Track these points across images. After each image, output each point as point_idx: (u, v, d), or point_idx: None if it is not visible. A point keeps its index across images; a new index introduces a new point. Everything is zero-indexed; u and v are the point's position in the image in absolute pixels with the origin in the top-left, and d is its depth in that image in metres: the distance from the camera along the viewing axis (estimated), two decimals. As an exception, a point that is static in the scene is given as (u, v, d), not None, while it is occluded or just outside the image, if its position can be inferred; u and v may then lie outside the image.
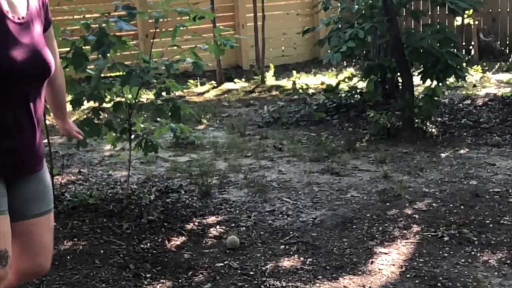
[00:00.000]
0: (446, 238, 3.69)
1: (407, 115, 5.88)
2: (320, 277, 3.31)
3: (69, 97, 4.47)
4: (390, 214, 4.09)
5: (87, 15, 4.33)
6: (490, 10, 10.00)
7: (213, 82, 8.73)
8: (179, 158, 5.52)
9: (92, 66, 4.14)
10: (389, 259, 3.48)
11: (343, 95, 7.22)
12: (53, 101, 2.60)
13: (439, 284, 3.20)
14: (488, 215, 4.00)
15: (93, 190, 4.56)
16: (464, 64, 6.24)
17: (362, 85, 7.25)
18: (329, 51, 6.47)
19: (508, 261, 3.40)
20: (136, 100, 4.18)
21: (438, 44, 5.87)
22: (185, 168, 5.18)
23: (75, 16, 4.50)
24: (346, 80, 7.50)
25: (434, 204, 4.22)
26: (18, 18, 2.19)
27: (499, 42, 10.12)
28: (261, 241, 3.77)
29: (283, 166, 5.22)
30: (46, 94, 2.45)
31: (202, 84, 8.66)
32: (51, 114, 2.66)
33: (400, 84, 6.42)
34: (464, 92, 7.51)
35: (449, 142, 5.70)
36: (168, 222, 4.01)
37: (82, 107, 4.32)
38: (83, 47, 3.95)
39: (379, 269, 3.37)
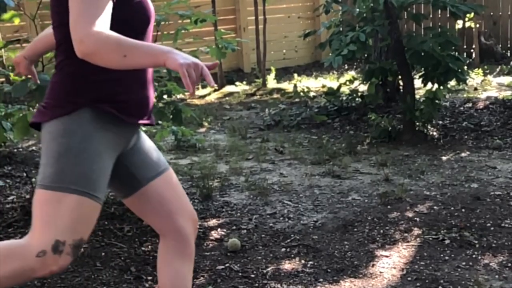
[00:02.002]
0: (447, 241, 3.70)
1: (408, 118, 5.89)
2: (321, 280, 3.32)
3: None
4: (391, 217, 4.10)
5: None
6: (491, 14, 10.01)
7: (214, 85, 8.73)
8: (180, 161, 5.52)
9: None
10: (390, 262, 3.48)
11: (344, 98, 7.23)
12: (48, 45, 2.48)
13: (440, 287, 3.20)
14: (489, 218, 4.00)
15: (95, 193, 4.56)
16: (465, 67, 6.24)
17: (363, 88, 7.26)
18: (330, 54, 6.48)
19: (509, 264, 3.40)
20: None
21: (439, 47, 5.88)
22: (186, 170, 5.19)
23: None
24: (347, 83, 7.52)
25: (435, 207, 4.22)
26: None
27: (500, 45, 10.13)
28: (262, 244, 3.77)
29: (284, 169, 5.23)
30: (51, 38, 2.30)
31: (204, 87, 8.67)
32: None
33: (401, 87, 6.43)
34: (465, 95, 7.51)
35: (450, 145, 5.70)
36: (169, 225, 4.01)
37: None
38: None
39: (380, 272, 3.37)
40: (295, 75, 9.29)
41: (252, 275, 3.39)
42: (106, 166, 2.13)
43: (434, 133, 6.02)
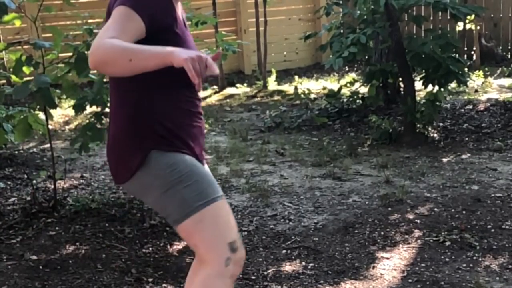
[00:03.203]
0: (447, 243, 3.70)
1: (408, 120, 5.89)
2: (322, 281, 3.32)
3: (71, 102, 4.50)
4: (392, 219, 4.10)
5: (89, 20, 4.34)
6: (492, 16, 10.02)
7: (215, 87, 8.74)
8: (181, 163, 5.52)
9: (95, 71, 4.15)
10: (391, 264, 3.48)
11: (345, 100, 7.23)
12: None
13: (440, 289, 3.20)
14: (490, 220, 4.00)
15: (95, 195, 4.57)
16: (466, 69, 6.24)
17: (364, 90, 7.26)
18: (331, 56, 6.48)
19: (510, 266, 3.40)
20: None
21: (439, 49, 5.88)
22: (187, 172, 5.18)
23: (78, 21, 4.52)
24: (348, 85, 7.52)
25: (435, 209, 4.22)
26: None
27: (500, 47, 10.13)
28: (263, 246, 3.77)
29: (285, 171, 5.23)
30: None
31: (204, 89, 8.67)
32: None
33: (401, 89, 6.43)
34: (465, 97, 7.51)
35: (451, 147, 5.70)
36: (170, 227, 4.01)
37: (85, 112, 4.34)
38: (86, 52, 3.96)
39: (381, 274, 3.38)
40: (296, 77, 9.29)
41: (253, 277, 3.39)
42: (204, 169, 2.28)
43: (435, 135, 6.02)
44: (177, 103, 2.23)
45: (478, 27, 9.89)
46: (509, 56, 10.21)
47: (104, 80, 4.08)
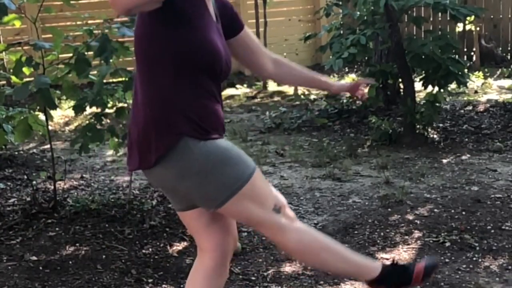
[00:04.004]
0: (447, 244, 3.70)
1: (408, 121, 5.89)
2: (321, 282, 3.32)
3: (71, 103, 4.50)
4: (392, 219, 4.10)
5: (89, 21, 4.34)
6: (492, 17, 10.02)
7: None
8: (181, 164, 5.52)
9: (95, 72, 4.15)
10: (391, 265, 3.48)
11: (344, 101, 7.23)
12: (299, 80, 2.79)
13: (440, 290, 3.20)
14: (490, 221, 4.00)
15: (95, 196, 4.57)
16: (466, 70, 6.24)
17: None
18: (331, 57, 6.48)
19: (510, 267, 3.40)
20: (139, 106, 4.19)
21: (439, 50, 5.88)
22: (187, 173, 5.18)
23: (78, 22, 4.51)
24: (348, 86, 7.51)
25: (435, 210, 4.22)
26: None
27: (500, 48, 10.14)
28: (263, 247, 3.77)
29: (285, 171, 5.23)
30: (292, 81, 2.91)
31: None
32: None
33: (401, 90, 6.43)
34: (465, 98, 7.52)
35: (451, 148, 5.71)
36: (170, 228, 4.02)
37: (85, 113, 4.34)
38: (86, 53, 3.97)
39: (381, 275, 3.37)
40: (296, 78, 9.28)
41: (253, 278, 3.39)
42: (234, 147, 2.37)
43: (435, 136, 6.02)
44: (203, 89, 2.28)
45: (478, 28, 9.90)
46: (509, 57, 10.21)
47: (104, 81, 4.08)
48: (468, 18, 7.92)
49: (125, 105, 4.23)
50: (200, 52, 2.24)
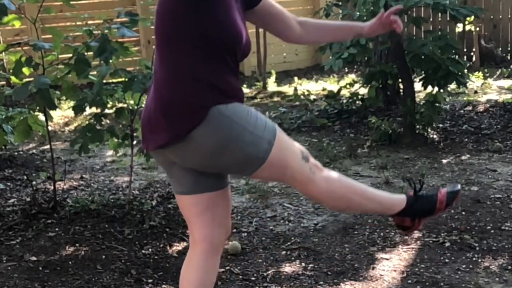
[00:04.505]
0: (447, 244, 3.70)
1: (408, 121, 5.89)
2: (321, 282, 3.32)
3: (71, 103, 4.50)
4: (391, 220, 4.09)
5: (89, 22, 4.34)
6: (492, 17, 10.02)
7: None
8: (180, 164, 5.52)
9: (95, 72, 4.16)
10: (391, 265, 3.48)
11: (344, 101, 7.24)
12: (331, 36, 2.81)
13: (440, 290, 3.20)
14: (489, 221, 4.00)
15: (95, 196, 4.57)
16: (465, 71, 6.24)
17: (363, 91, 7.26)
18: (330, 57, 6.49)
19: (510, 267, 3.40)
20: (138, 106, 4.20)
21: (439, 51, 5.88)
22: (187, 174, 5.18)
23: (78, 23, 4.52)
24: (348, 86, 7.52)
25: (435, 210, 4.22)
26: None
27: (500, 49, 10.14)
28: (262, 247, 3.78)
29: (285, 172, 5.22)
30: (322, 37, 2.79)
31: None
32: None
33: (401, 90, 6.43)
34: (465, 99, 7.52)
35: (450, 148, 5.71)
36: (169, 228, 4.02)
37: (84, 113, 4.34)
38: (86, 53, 3.97)
39: (381, 275, 3.38)
40: (296, 78, 9.29)
41: (253, 278, 3.39)
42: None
43: (434, 136, 6.02)
44: (227, 67, 2.34)
45: (478, 29, 9.90)
46: (508, 57, 10.21)
47: (104, 81, 4.08)
48: (467, 18, 7.92)
49: (125, 105, 4.23)
50: (223, 32, 2.28)
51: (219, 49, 2.30)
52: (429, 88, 6.14)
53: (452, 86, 6.36)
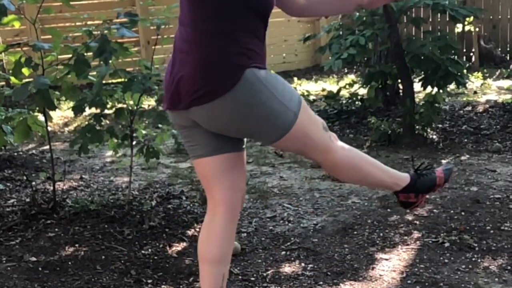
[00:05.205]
0: (446, 244, 3.70)
1: (407, 122, 5.89)
2: (321, 283, 3.32)
3: (70, 104, 4.50)
4: (391, 220, 4.10)
5: (89, 22, 4.35)
6: (491, 17, 10.04)
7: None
8: (180, 164, 5.53)
9: (94, 73, 4.15)
10: (390, 265, 3.48)
11: (344, 101, 7.24)
12: (331, 8, 2.86)
13: (439, 290, 3.20)
14: (489, 221, 4.01)
15: (95, 196, 4.57)
16: (465, 71, 6.25)
17: (363, 91, 7.26)
18: (330, 58, 6.49)
19: (509, 267, 3.40)
20: (138, 107, 4.20)
21: (438, 51, 5.89)
22: (187, 174, 5.19)
23: (77, 23, 4.52)
24: (347, 86, 7.52)
25: (435, 210, 4.22)
26: None
27: (499, 49, 10.15)
28: (262, 247, 3.78)
29: (284, 172, 5.23)
30: (323, 10, 2.88)
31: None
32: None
33: (400, 90, 6.43)
34: (464, 99, 7.52)
35: (450, 148, 5.71)
36: (169, 228, 4.02)
37: (84, 114, 4.34)
38: (85, 54, 3.97)
39: (380, 275, 3.38)
40: (295, 78, 9.30)
41: (252, 278, 3.39)
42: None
43: (434, 137, 6.03)
44: (259, 32, 2.46)
45: (477, 29, 9.92)
46: (508, 57, 10.23)
47: (103, 82, 4.08)
48: (467, 18, 7.94)
49: (124, 106, 4.23)
50: None
51: (255, 14, 2.42)
52: (429, 89, 6.15)
53: (452, 86, 6.37)
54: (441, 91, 6.10)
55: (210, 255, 2.59)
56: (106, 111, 4.22)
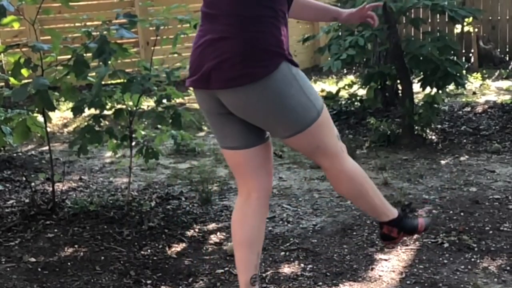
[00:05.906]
0: (446, 245, 3.70)
1: (407, 122, 5.90)
2: (320, 283, 3.32)
3: (70, 104, 4.50)
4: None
5: (88, 23, 4.34)
6: (490, 18, 10.05)
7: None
8: (179, 165, 5.53)
9: (93, 74, 4.15)
10: (389, 266, 3.49)
11: (343, 102, 7.24)
12: (312, 14, 3.00)
13: (439, 291, 3.21)
14: (488, 222, 4.01)
15: (94, 197, 4.57)
16: (464, 72, 6.26)
17: (362, 92, 7.27)
18: (329, 58, 6.49)
19: (508, 268, 3.41)
20: (137, 107, 4.20)
21: (438, 52, 5.89)
22: (186, 175, 5.19)
23: (77, 24, 4.52)
24: (346, 87, 7.53)
25: (434, 211, 4.23)
26: None
27: (498, 50, 10.16)
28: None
29: (284, 173, 5.23)
30: (305, 15, 3.01)
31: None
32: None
33: (400, 91, 6.44)
34: (463, 99, 7.53)
35: (449, 149, 5.71)
36: (168, 229, 4.02)
37: (83, 114, 4.34)
38: (84, 55, 3.97)
39: (379, 276, 3.38)
40: (294, 79, 9.29)
41: (252, 279, 3.39)
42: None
43: (433, 137, 6.03)
44: (286, 24, 2.58)
45: (476, 30, 9.92)
46: (507, 58, 10.23)
47: (103, 82, 4.08)
48: (466, 19, 7.95)
49: (124, 106, 4.23)
50: None
51: (287, 1, 2.56)
52: (428, 89, 6.15)
53: (451, 87, 6.38)
54: (440, 91, 6.11)
55: (247, 234, 2.70)
56: (106, 112, 4.22)
